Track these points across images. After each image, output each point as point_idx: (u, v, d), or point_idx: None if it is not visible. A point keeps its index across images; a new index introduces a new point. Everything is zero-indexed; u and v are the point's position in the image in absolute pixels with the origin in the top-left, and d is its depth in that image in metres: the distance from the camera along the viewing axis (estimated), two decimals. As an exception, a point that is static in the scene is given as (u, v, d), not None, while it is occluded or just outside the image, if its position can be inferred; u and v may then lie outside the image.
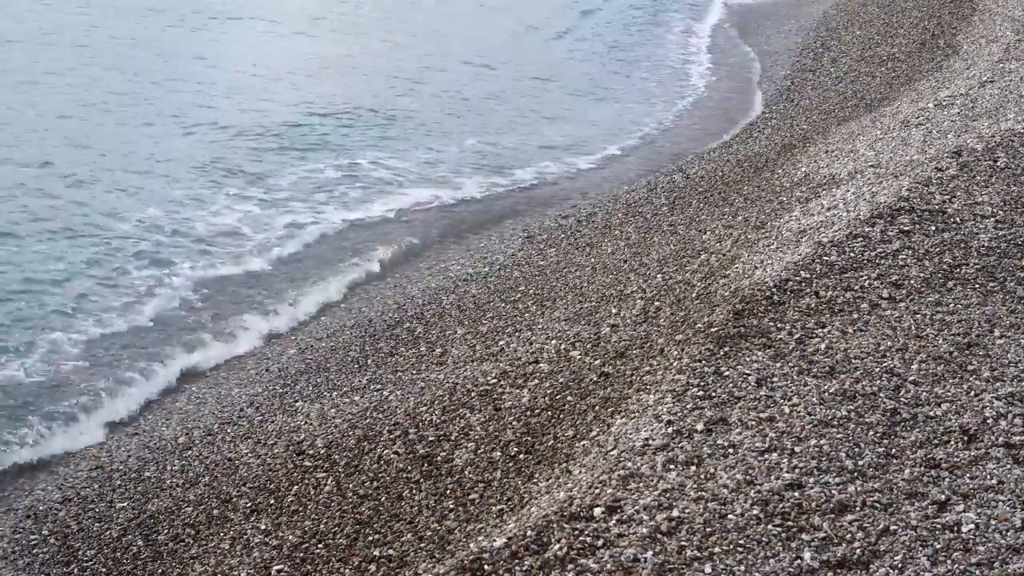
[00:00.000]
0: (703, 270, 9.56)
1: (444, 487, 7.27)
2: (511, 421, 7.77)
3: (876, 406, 6.47)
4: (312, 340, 10.86)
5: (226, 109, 18.13)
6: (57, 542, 7.89)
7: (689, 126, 18.75)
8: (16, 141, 15.83)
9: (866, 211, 9.35)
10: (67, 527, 8.03)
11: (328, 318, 11.54)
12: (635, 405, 6.89)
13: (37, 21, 22.30)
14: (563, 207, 14.39)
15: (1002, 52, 15.68)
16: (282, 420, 9.00)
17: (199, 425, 9.28)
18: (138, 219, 13.55)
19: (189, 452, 8.80)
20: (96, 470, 8.77)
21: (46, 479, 8.78)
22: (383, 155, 16.44)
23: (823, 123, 15.75)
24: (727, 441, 6.15)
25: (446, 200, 15.09)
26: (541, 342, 9.18)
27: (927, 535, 5.39)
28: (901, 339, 7.24)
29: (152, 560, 7.55)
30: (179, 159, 15.66)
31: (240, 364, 10.68)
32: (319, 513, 7.46)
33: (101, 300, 11.56)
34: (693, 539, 5.36)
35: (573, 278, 10.95)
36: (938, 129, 12.00)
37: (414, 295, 11.54)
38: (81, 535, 7.92)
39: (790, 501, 5.61)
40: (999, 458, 5.98)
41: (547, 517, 5.68)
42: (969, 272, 8.19)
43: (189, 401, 9.93)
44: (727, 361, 7.03)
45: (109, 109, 17.51)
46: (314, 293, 12.18)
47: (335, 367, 9.99)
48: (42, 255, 12.40)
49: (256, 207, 14.36)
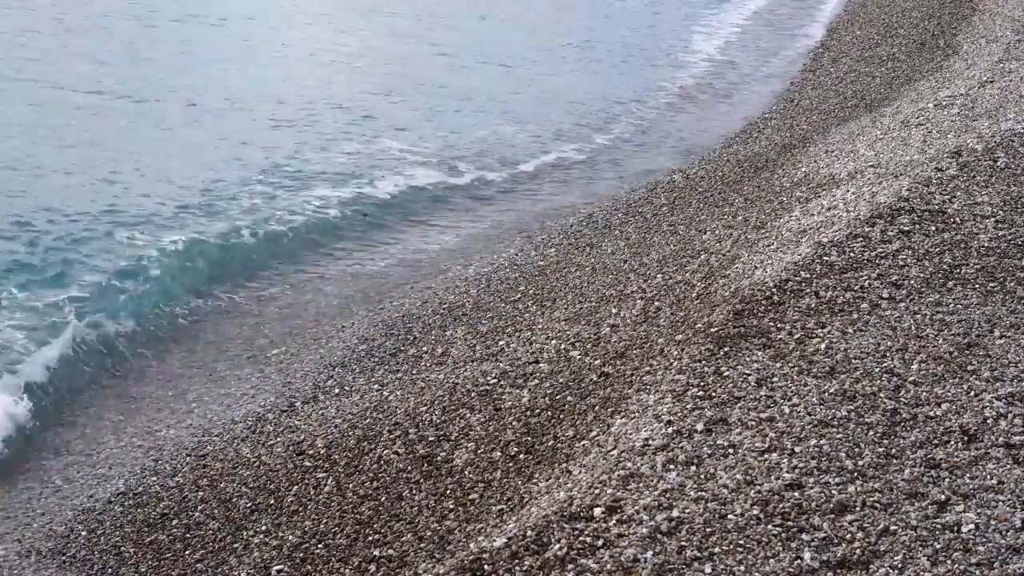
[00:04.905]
0: (703, 270, 9.56)
1: (444, 487, 7.27)
2: (511, 421, 7.77)
3: (876, 406, 6.47)
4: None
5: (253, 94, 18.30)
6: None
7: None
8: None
9: (866, 211, 9.35)
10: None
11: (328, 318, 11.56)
12: (635, 405, 6.89)
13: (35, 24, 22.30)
14: (563, 208, 14.42)
15: (1002, 52, 15.69)
16: (285, 421, 9.01)
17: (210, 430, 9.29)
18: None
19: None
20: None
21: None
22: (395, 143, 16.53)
23: (823, 123, 15.75)
24: (727, 441, 6.15)
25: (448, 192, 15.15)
26: (541, 342, 9.18)
27: (927, 535, 5.39)
28: (901, 339, 7.24)
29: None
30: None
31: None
32: (319, 513, 7.46)
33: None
34: (693, 539, 5.36)
35: (573, 278, 10.95)
36: (938, 129, 12.01)
37: (415, 295, 11.54)
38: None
39: (790, 501, 5.61)
40: (999, 458, 5.98)
41: (547, 517, 5.68)
42: (969, 272, 8.19)
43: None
44: (727, 361, 7.03)
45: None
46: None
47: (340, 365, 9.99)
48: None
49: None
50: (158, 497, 8.16)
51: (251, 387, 9.94)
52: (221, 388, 10.11)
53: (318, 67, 20.67)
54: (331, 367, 9.89)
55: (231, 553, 7.36)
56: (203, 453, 8.66)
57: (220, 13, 23.83)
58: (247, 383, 10.08)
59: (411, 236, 13.93)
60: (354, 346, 10.30)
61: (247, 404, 9.49)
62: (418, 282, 12.06)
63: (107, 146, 15.53)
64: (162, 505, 8.06)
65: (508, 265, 11.87)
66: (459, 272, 12.04)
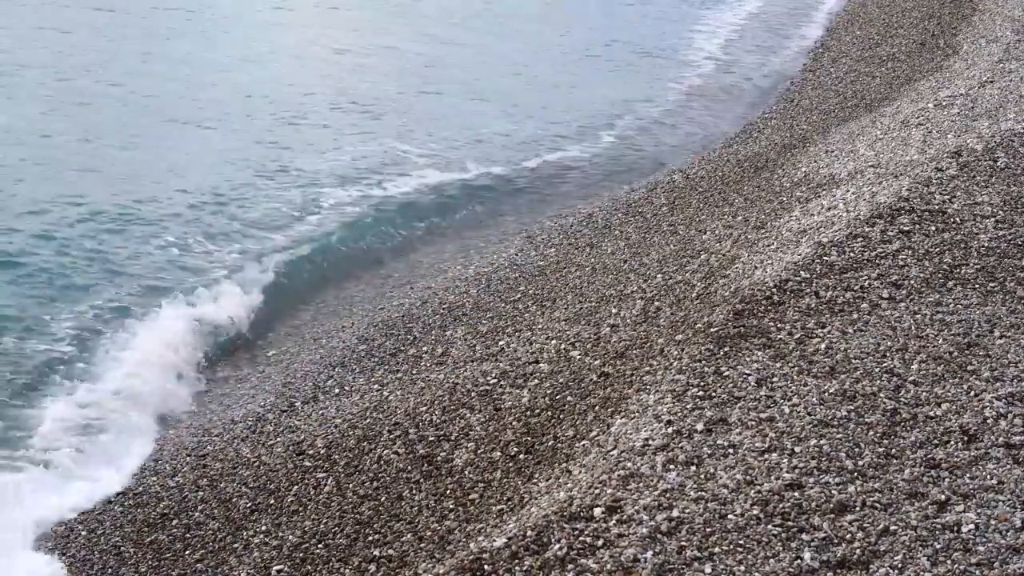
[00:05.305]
0: (703, 270, 9.56)
1: (444, 487, 7.27)
2: (511, 421, 7.77)
3: (876, 406, 6.47)
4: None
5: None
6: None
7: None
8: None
9: (866, 211, 9.36)
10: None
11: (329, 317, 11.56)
12: (635, 405, 6.89)
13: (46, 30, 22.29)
14: (563, 207, 14.41)
15: (1002, 52, 15.69)
16: (286, 421, 9.01)
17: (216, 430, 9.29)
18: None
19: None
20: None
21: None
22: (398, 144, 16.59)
23: (823, 123, 15.75)
24: (727, 441, 6.15)
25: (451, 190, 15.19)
26: (541, 342, 9.18)
27: (927, 535, 5.39)
28: (901, 339, 7.25)
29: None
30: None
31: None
32: (319, 513, 7.46)
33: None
34: (693, 539, 5.36)
35: (573, 278, 10.95)
36: (938, 129, 12.01)
37: (415, 295, 11.54)
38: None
39: (790, 501, 5.61)
40: (999, 458, 5.99)
41: (547, 517, 5.68)
42: (969, 272, 8.19)
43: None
44: (727, 361, 7.03)
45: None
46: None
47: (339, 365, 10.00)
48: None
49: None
50: (158, 497, 8.16)
51: (251, 387, 9.95)
52: (221, 388, 10.12)
53: (321, 66, 20.66)
54: (331, 367, 9.88)
55: (231, 553, 7.36)
56: (203, 453, 8.66)
57: (221, 13, 23.84)
58: (247, 383, 10.09)
59: (411, 236, 13.92)
60: (354, 346, 10.30)
61: (247, 404, 9.49)
62: (418, 282, 12.05)
63: (118, 144, 15.54)
64: (162, 505, 8.06)
65: (508, 265, 11.86)
66: (459, 272, 12.03)
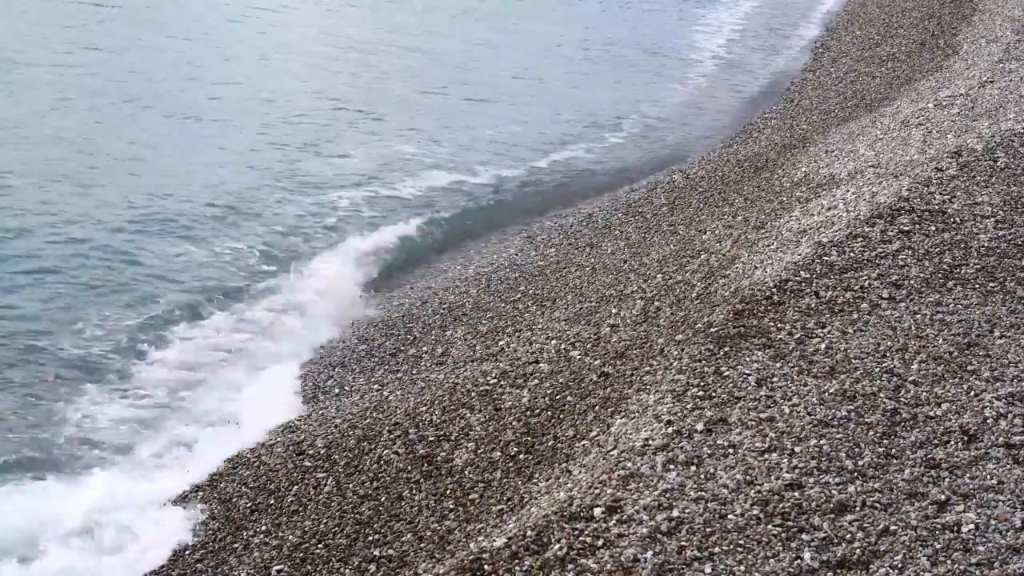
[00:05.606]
0: (703, 270, 9.56)
1: (444, 487, 7.27)
2: (511, 421, 7.77)
3: (876, 406, 6.47)
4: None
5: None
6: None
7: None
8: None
9: (866, 211, 9.36)
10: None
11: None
12: (635, 405, 6.89)
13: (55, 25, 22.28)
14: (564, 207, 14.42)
15: (1002, 52, 15.69)
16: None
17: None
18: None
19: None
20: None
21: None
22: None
23: (823, 123, 15.75)
24: (727, 441, 6.15)
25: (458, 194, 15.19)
26: (541, 342, 9.18)
27: (927, 535, 5.39)
28: (901, 339, 7.25)
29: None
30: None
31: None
32: (319, 513, 7.46)
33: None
34: (693, 539, 5.36)
35: (573, 278, 10.95)
36: (938, 129, 12.01)
37: (414, 295, 11.54)
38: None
39: (790, 501, 5.61)
40: (999, 458, 5.99)
41: (547, 517, 5.68)
42: (969, 272, 8.19)
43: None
44: (727, 361, 7.03)
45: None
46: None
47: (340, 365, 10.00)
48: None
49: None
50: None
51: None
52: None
53: (321, 66, 20.67)
54: (331, 367, 9.89)
55: (231, 553, 7.35)
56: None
57: (222, 14, 23.85)
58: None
59: (411, 235, 13.91)
60: (354, 346, 10.30)
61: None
62: (418, 282, 12.06)
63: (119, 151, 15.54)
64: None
65: (508, 265, 11.86)
66: (459, 272, 12.04)
